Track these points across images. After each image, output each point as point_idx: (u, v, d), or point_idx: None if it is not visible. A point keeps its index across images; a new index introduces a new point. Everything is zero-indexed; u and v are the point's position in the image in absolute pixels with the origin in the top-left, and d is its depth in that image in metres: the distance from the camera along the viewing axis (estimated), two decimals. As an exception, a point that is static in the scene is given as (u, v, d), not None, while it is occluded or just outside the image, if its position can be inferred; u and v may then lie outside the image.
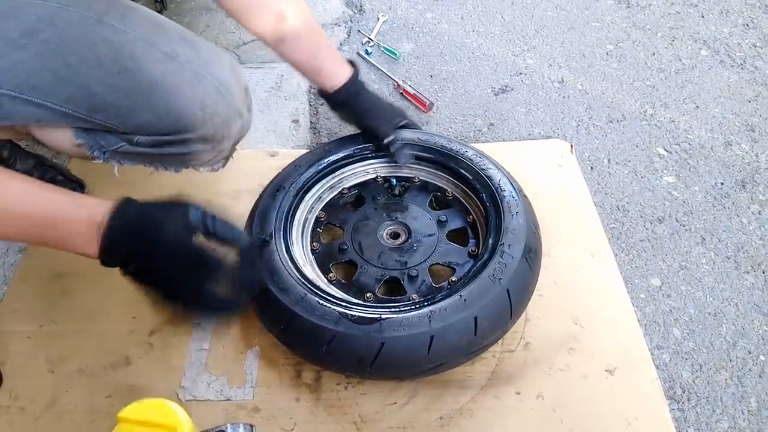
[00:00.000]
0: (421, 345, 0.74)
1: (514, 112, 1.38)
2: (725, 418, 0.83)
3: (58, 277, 0.97)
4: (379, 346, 0.73)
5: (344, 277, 0.90)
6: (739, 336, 0.93)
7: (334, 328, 0.74)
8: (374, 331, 0.73)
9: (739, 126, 1.33)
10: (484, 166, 0.95)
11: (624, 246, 1.07)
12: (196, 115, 0.81)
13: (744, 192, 1.17)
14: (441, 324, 0.74)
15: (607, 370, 0.84)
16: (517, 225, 0.85)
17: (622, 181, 1.20)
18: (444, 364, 0.77)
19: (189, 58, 0.81)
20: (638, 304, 0.97)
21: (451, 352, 0.75)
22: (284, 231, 0.87)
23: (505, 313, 0.78)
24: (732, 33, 1.63)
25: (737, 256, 1.05)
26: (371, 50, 1.56)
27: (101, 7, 0.78)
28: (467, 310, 0.75)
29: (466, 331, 0.75)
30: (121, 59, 0.75)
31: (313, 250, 0.93)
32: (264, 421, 0.79)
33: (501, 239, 0.83)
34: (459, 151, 0.98)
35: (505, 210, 0.87)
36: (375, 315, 0.75)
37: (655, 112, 1.38)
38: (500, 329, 0.79)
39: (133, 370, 0.85)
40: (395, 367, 0.76)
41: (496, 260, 0.80)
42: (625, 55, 1.56)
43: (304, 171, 0.96)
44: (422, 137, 1.00)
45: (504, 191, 0.90)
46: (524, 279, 0.81)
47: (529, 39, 1.63)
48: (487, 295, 0.76)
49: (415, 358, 0.75)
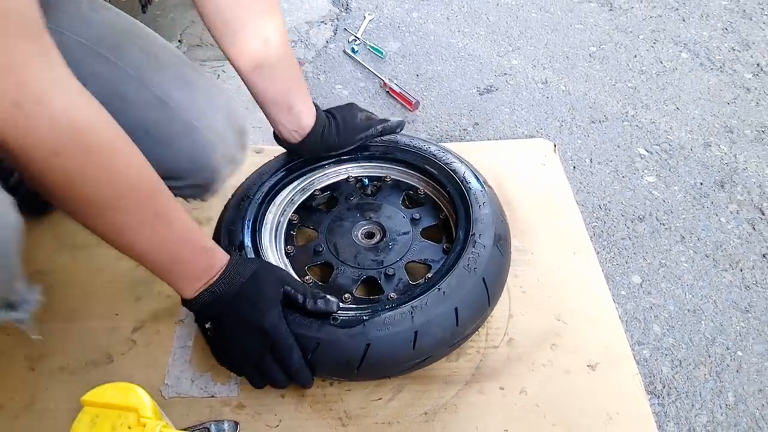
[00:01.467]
0: (406, 341, 0.74)
1: (498, 112, 1.39)
2: (704, 413, 0.84)
3: (39, 273, 0.95)
4: (365, 348, 0.73)
5: (321, 278, 0.90)
6: (717, 332, 0.95)
7: (316, 335, 0.74)
8: (358, 333, 0.73)
9: (718, 127, 1.36)
10: (447, 160, 0.96)
11: (605, 244, 1.09)
12: (185, 168, 0.79)
13: (722, 192, 1.19)
14: (423, 319, 0.74)
15: (589, 365, 0.85)
16: (485, 215, 0.86)
17: (604, 181, 1.22)
18: (429, 357, 0.77)
19: (182, 104, 0.78)
20: (619, 301, 0.99)
21: (436, 345, 0.76)
22: (252, 238, 0.86)
23: (484, 301, 0.79)
24: (712, 36, 1.66)
25: (716, 254, 1.07)
26: (357, 48, 1.56)
27: (96, 34, 0.74)
28: (447, 302, 0.76)
29: (448, 323, 0.75)
30: (111, 99, 0.68)
31: (287, 253, 0.93)
32: (249, 418, 0.79)
33: (472, 229, 0.84)
34: (422, 147, 0.99)
35: (472, 201, 0.88)
36: (357, 317, 0.75)
37: (637, 113, 1.40)
38: (480, 317, 0.80)
39: (116, 367, 0.84)
40: (382, 367, 0.76)
41: (470, 250, 0.81)
42: (607, 57, 1.59)
43: (268, 178, 0.95)
44: (386, 137, 1.00)
45: (470, 183, 0.91)
46: (498, 266, 0.82)
47: (514, 40, 1.64)
48: (464, 286, 0.77)
49: (401, 356, 0.75)
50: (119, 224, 0.58)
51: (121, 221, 0.58)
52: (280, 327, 0.69)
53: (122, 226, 0.58)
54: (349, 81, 1.48)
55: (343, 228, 0.96)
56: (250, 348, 0.70)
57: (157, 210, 0.61)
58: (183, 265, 0.66)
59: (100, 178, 0.53)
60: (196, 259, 0.67)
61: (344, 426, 0.79)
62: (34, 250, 0.98)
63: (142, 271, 0.93)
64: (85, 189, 0.53)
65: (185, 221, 0.65)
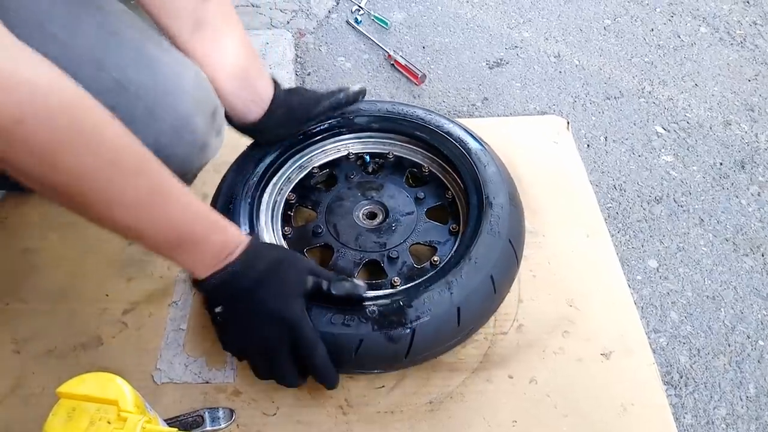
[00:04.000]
0: (450, 320, 0.71)
1: (509, 87, 1.33)
2: (723, 405, 0.81)
3: (27, 252, 0.91)
4: (411, 336, 0.69)
5: (320, 261, 0.86)
6: (737, 320, 0.90)
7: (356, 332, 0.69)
8: (403, 325, 0.69)
9: (739, 105, 1.30)
10: (438, 123, 0.92)
11: (620, 226, 1.04)
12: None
13: (743, 173, 1.14)
14: (463, 293, 0.71)
15: (603, 353, 0.82)
16: (493, 173, 0.84)
17: (619, 160, 1.16)
18: (472, 329, 0.75)
19: (142, 86, 0.68)
20: (635, 286, 0.94)
21: (478, 317, 0.74)
22: (250, 218, 0.82)
23: (513, 262, 0.78)
24: (732, 10, 1.58)
25: (736, 238, 1.02)
26: (361, 19, 1.50)
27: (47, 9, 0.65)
28: (482, 272, 0.73)
29: (487, 293, 0.73)
30: None
31: (284, 235, 0.88)
32: (245, 405, 0.75)
33: (485, 191, 0.81)
34: (407, 112, 0.94)
35: (476, 162, 0.85)
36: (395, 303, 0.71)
37: (653, 90, 1.34)
38: (510, 281, 0.79)
39: (106, 351, 0.80)
40: (428, 351, 0.73)
41: (489, 213, 0.78)
42: (623, 30, 1.52)
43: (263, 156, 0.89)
44: (365, 106, 0.95)
45: (467, 143, 0.88)
46: (518, 225, 0.81)
47: (525, 11, 1.57)
48: (495, 251, 0.75)
49: (446, 335, 0.72)
50: (106, 201, 0.53)
51: (109, 198, 0.52)
52: (304, 320, 0.64)
53: (111, 203, 0.53)
54: (352, 53, 1.42)
55: (344, 208, 0.91)
56: (266, 339, 0.64)
57: (152, 184, 0.55)
58: (195, 243, 0.61)
59: (72, 145, 0.48)
60: (210, 235, 0.62)
61: (345, 414, 0.75)
62: (21, 227, 0.94)
63: (134, 251, 0.90)
64: (59, 160, 0.48)
65: (188, 196, 0.60)
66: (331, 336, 0.69)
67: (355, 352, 0.69)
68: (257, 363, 0.69)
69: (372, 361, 0.71)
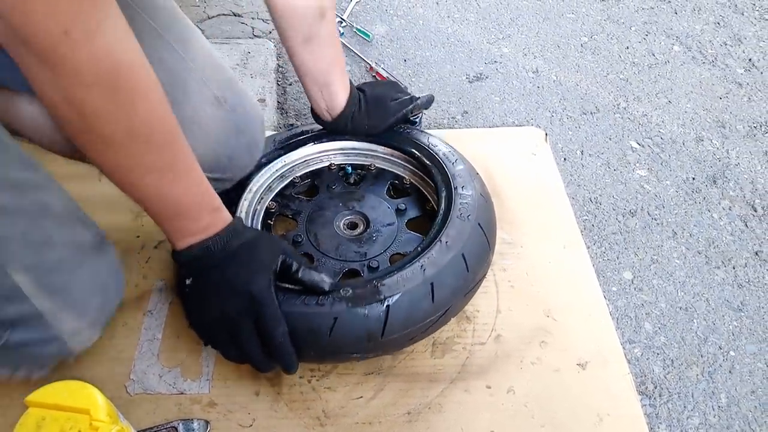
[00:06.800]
0: (425, 295, 0.72)
1: (488, 101, 1.35)
2: (696, 414, 0.82)
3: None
4: (385, 312, 0.69)
5: None
6: (709, 331, 0.92)
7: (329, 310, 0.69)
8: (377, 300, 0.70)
9: (710, 122, 1.33)
10: (412, 133, 0.97)
11: (596, 238, 1.05)
12: (222, 163, 0.81)
13: (715, 187, 1.17)
14: (434, 270, 0.73)
15: (579, 364, 0.82)
16: (460, 170, 0.88)
17: (595, 174, 1.18)
18: (448, 310, 0.75)
19: (235, 108, 0.81)
20: (610, 297, 0.95)
21: (452, 295, 0.75)
22: None
23: (485, 245, 0.80)
24: (704, 30, 1.63)
25: (708, 251, 1.04)
26: (343, 31, 1.50)
27: (165, 20, 0.75)
28: (452, 251, 0.75)
29: (460, 270, 0.75)
30: (172, 88, 0.69)
31: None
32: (220, 417, 0.74)
33: (453, 183, 0.85)
34: None
35: (444, 161, 0.90)
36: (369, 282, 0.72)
37: (629, 106, 1.37)
38: (485, 265, 0.81)
39: (78, 360, 0.78)
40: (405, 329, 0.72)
41: (458, 202, 0.82)
42: (599, 47, 1.55)
43: None
44: None
45: (436, 146, 0.93)
46: (488, 212, 0.85)
47: (505, 27, 1.60)
48: (465, 233, 0.78)
49: (422, 312, 0.72)
50: (126, 165, 0.57)
51: (130, 163, 0.57)
52: (269, 296, 0.64)
53: (129, 167, 0.58)
54: (334, 64, 1.42)
55: (325, 218, 0.91)
56: (228, 311, 0.64)
57: (172, 161, 0.60)
58: (186, 220, 0.64)
59: (118, 117, 0.53)
60: (201, 216, 0.65)
61: (322, 426, 0.74)
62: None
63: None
64: (102, 126, 0.53)
65: (198, 179, 0.64)
66: (305, 315, 0.68)
67: (330, 331, 0.68)
68: (222, 341, 0.68)
69: (348, 343, 0.70)
